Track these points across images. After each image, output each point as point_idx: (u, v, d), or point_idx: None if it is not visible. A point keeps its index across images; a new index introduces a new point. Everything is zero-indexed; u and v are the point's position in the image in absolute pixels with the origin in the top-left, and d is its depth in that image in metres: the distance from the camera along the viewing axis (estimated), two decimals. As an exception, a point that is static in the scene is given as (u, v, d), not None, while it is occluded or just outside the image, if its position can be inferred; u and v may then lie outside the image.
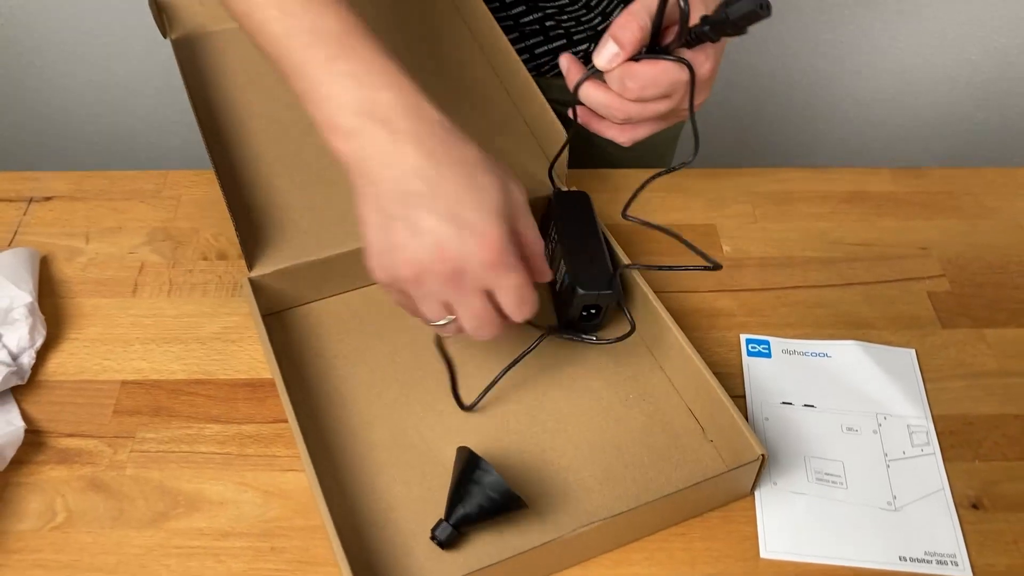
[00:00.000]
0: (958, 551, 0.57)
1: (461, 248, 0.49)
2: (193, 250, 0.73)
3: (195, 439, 0.61)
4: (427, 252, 0.49)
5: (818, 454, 0.61)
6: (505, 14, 0.84)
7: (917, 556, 0.56)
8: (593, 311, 0.64)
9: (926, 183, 0.80)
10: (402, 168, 0.50)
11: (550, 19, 0.84)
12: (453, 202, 0.49)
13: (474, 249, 0.49)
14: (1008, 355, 0.68)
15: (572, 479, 0.60)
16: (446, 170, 0.50)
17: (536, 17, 0.84)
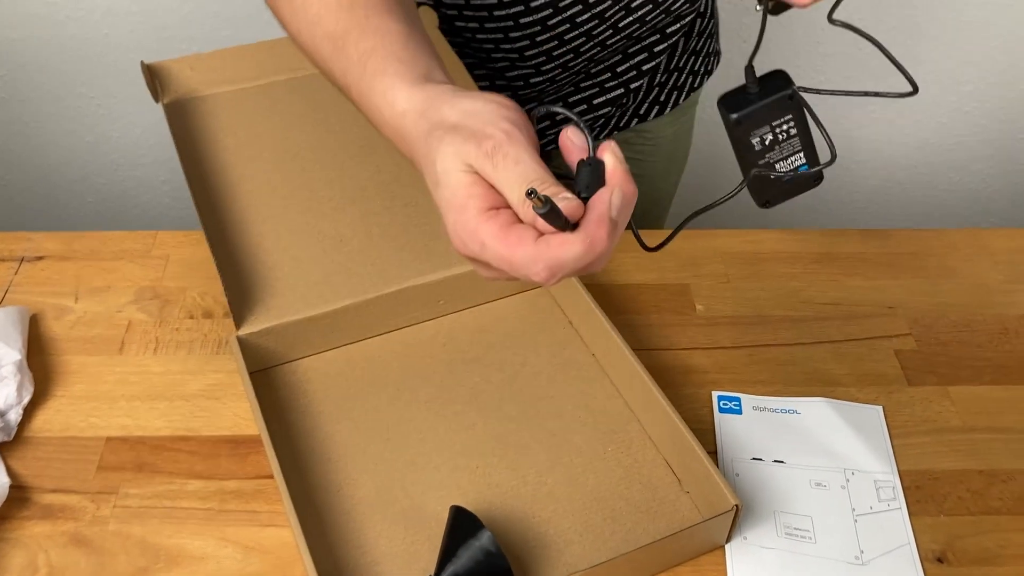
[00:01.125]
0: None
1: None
2: (180, 309, 0.75)
3: (177, 495, 0.62)
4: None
5: (787, 509, 0.62)
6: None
7: (885, 610, 0.58)
8: None
9: (893, 244, 0.83)
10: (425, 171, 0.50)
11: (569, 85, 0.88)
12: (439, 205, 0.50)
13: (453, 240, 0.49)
14: (972, 412, 0.70)
15: (553, 531, 0.61)
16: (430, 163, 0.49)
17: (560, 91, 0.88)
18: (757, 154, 0.55)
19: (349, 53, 0.54)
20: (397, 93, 0.51)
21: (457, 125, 0.48)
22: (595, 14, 0.80)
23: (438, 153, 0.48)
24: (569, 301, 0.74)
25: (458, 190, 0.47)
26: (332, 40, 0.56)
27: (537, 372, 0.71)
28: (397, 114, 0.51)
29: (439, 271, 0.72)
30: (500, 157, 0.46)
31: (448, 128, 0.48)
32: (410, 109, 0.51)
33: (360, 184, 0.78)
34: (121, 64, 1.42)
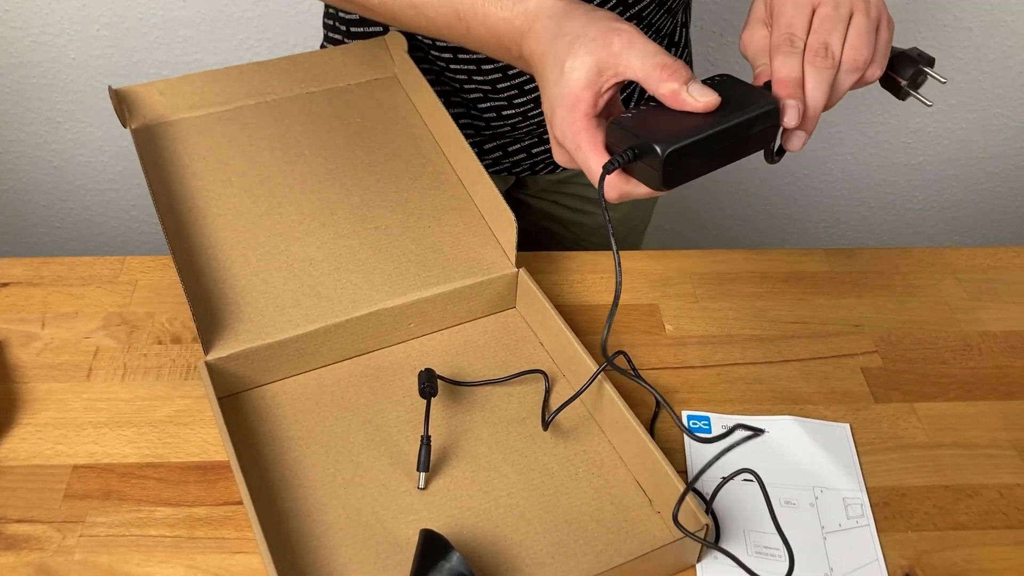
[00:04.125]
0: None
1: (553, 130, 0.58)
2: (148, 334, 0.74)
3: (145, 522, 0.61)
4: None
5: (757, 528, 0.62)
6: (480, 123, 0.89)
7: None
8: None
9: (858, 263, 0.84)
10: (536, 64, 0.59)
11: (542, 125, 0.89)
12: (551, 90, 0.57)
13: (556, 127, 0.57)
14: (937, 428, 0.71)
15: (524, 554, 0.61)
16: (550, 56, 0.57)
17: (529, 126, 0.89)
18: None
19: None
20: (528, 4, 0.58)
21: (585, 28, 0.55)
22: None
23: (567, 53, 0.55)
24: (540, 322, 0.74)
25: (575, 89, 0.54)
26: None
27: (508, 394, 0.71)
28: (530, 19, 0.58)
29: (409, 294, 0.72)
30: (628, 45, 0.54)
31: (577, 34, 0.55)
32: (543, 12, 0.57)
33: (330, 207, 0.78)
34: (89, 89, 1.41)
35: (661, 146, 0.52)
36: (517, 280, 0.76)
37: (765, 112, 0.55)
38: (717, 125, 0.53)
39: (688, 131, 0.53)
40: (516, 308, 0.78)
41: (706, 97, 0.53)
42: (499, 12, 0.59)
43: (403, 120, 0.86)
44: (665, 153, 0.52)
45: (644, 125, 0.53)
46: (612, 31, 0.54)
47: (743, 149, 0.56)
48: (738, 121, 0.54)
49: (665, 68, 0.53)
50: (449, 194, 0.80)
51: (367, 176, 0.81)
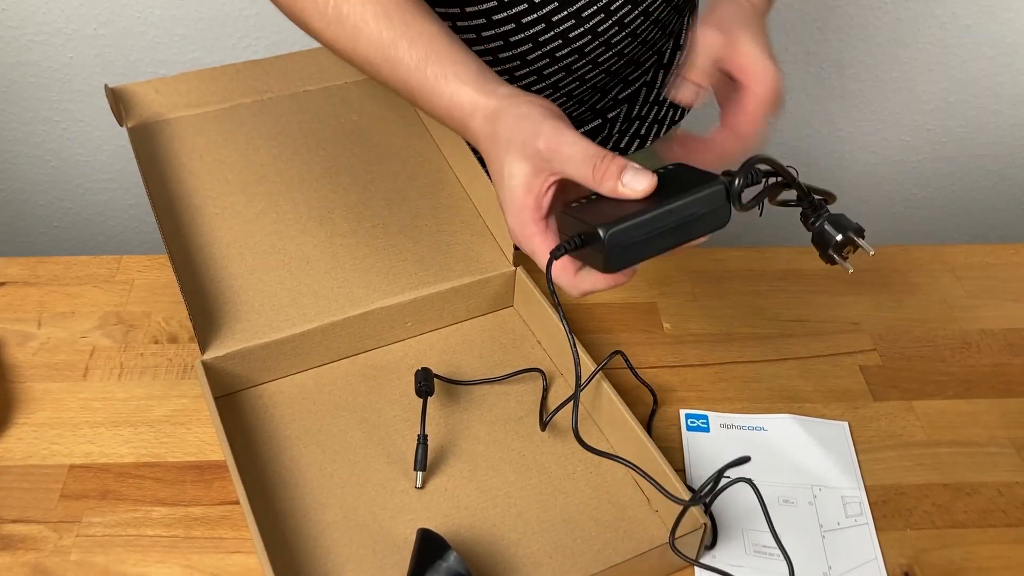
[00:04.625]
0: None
1: (510, 234, 0.59)
2: (144, 334, 0.74)
3: (142, 522, 0.61)
4: None
5: (755, 527, 0.62)
6: None
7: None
8: None
9: (857, 261, 0.84)
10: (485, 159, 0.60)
11: None
12: (499, 194, 0.59)
13: (511, 230, 0.58)
14: (936, 426, 0.71)
15: (522, 553, 0.61)
16: (492, 158, 0.59)
17: None
18: None
19: (403, 59, 0.62)
20: (463, 98, 0.60)
21: (513, 134, 0.57)
22: (587, 28, 0.80)
23: (503, 161, 0.57)
24: (538, 321, 0.74)
25: (516, 196, 0.56)
26: (379, 48, 0.62)
27: (505, 392, 0.70)
28: (466, 115, 0.60)
29: (406, 292, 0.72)
30: (555, 149, 0.55)
31: (508, 138, 0.57)
32: (477, 112, 0.59)
33: (326, 206, 0.77)
34: (87, 88, 1.41)
35: (603, 228, 0.52)
36: (515, 279, 0.76)
37: (711, 193, 0.55)
38: (660, 207, 0.53)
39: (630, 214, 0.53)
40: (514, 307, 0.78)
41: (641, 184, 0.53)
42: (440, 100, 0.61)
43: (400, 119, 0.85)
44: (607, 235, 0.52)
45: (590, 213, 0.54)
46: (538, 135, 0.55)
47: (691, 230, 0.56)
48: (682, 202, 0.54)
49: (597, 168, 0.54)
50: (446, 192, 0.80)
51: (364, 175, 0.80)
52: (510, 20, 0.77)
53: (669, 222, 0.54)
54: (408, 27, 0.62)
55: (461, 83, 0.60)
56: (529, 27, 0.77)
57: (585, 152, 0.54)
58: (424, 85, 0.61)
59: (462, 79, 0.60)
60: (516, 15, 0.77)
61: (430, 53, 0.61)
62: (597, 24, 0.78)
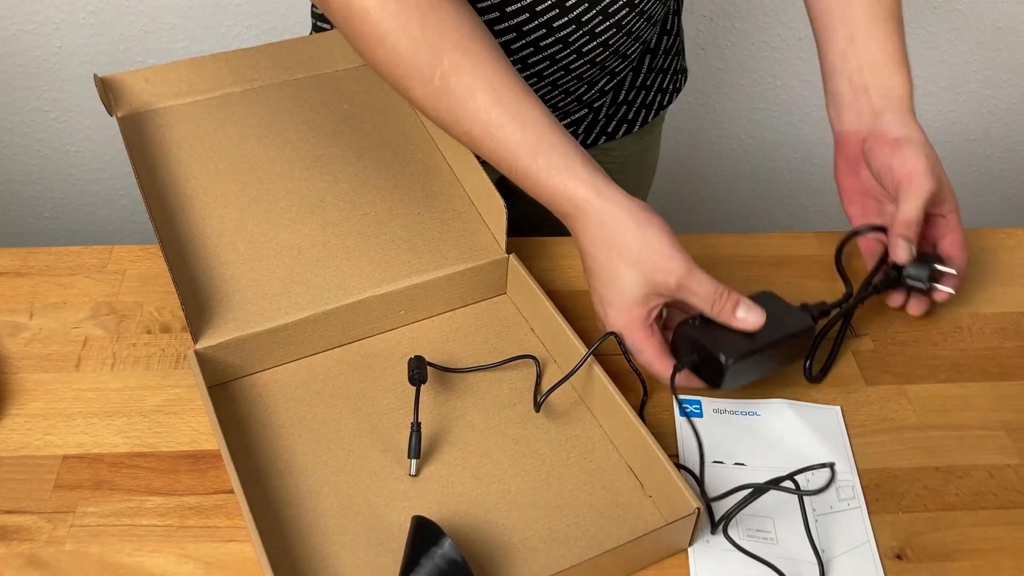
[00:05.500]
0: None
1: (605, 320, 0.67)
2: (137, 324, 0.74)
3: (136, 512, 0.61)
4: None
5: (749, 511, 0.62)
6: None
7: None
8: None
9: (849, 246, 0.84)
10: (582, 248, 0.67)
11: None
12: (602, 288, 0.66)
13: (610, 323, 0.66)
14: (928, 410, 0.71)
15: (516, 539, 0.61)
16: (601, 257, 0.65)
17: None
18: None
19: (511, 142, 0.65)
20: (576, 193, 0.65)
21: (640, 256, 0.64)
22: (572, 18, 0.80)
23: (621, 271, 0.64)
24: (531, 308, 0.74)
25: (632, 305, 0.65)
26: (486, 126, 0.65)
27: (499, 379, 0.71)
28: (578, 210, 0.65)
29: (400, 280, 0.72)
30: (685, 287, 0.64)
31: (633, 258, 0.64)
32: (591, 212, 0.65)
33: (318, 194, 0.77)
34: (76, 78, 1.40)
35: (725, 356, 0.64)
36: (508, 266, 0.76)
37: (805, 329, 0.68)
38: (768, 338, 0.65)
39: (748, 346, 0.65)
40: (507, 294, 0.78)
41: (754, 320, 0.65)
42: (550, 189, 0.65)
43: (391, 106, 0.85)
44: (728, 362, 0.64)
45: (708, 335, 0.65)
46: (669, 272, 0.64)
47: (785, 358, 0.69)
48: (783, 335, 0.66)
49: (716, 304, 0.64)
50: (438, 180, 0.80)
51: (356, 163, 0.80)
52: (494, 8, 0.77)
53: (773, 351, 0.66)
54: (518, 111, 0.65)
55: (574, 178, 0.64)
56: (513, 16, 0.77)
57: (708, 291, 0.64)
58: (531, 171, 0.65)
59: (576, 175, 0.64)
60: (500, 4, 0.76)
61: (541, 142, 0.65)
62: (581, 14, 0.78)
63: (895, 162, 0.74)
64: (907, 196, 0.72)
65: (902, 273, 0.73)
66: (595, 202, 0.64)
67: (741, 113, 1.59)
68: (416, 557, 0.56)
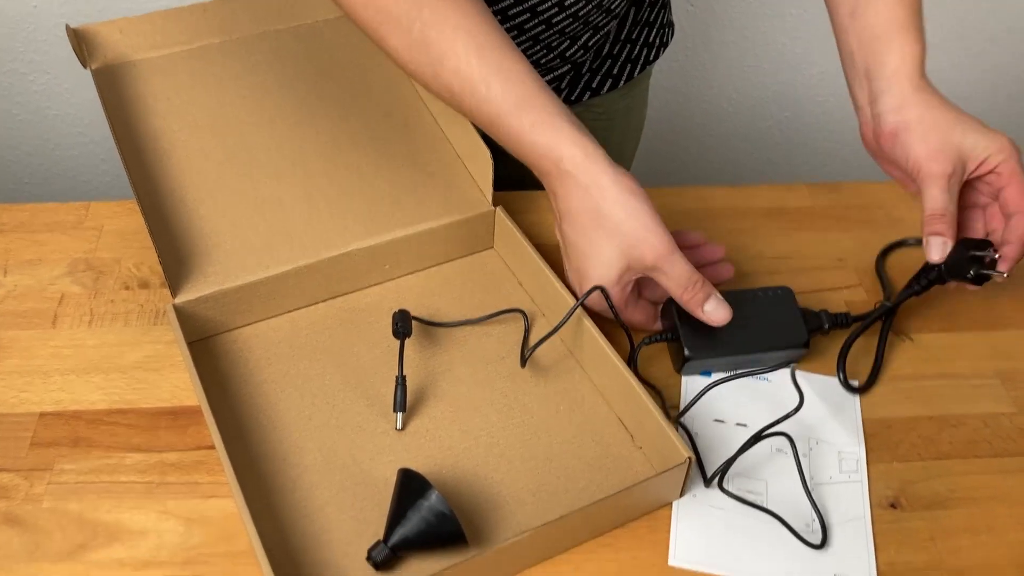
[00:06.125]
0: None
1: (580, 293, 0.65)
2: (115, 280, 0.72)
3: (115, 469, 0.60)
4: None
5: (742, 472, 0.61)
6: None
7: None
8: None
9: (841, 197, 0.83)
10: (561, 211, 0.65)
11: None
12: (579, 259, 0.64)
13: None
14: (922, 359, 0.70)
15: (505, 492, 0.60)
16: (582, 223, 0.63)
17: None
18: None
19: (495, 98, 0.62)
20: (562, 151, 0.62)
21: (622, 227, 0.61)
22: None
23: (602, 244, 0.62)
24: (518, 261, 0.73)
25: (606, 277, 0.64)
26: (468, 81, 0.62)
27: (486, 334, 0.69)
28: (561, 169, 0.62)
29: (383, 234, 0.70)
30: (661, 268, 0.62)
31: (614, 228, 0.62)
32: (577, 172, 0.62)
33: (300, 147, 0.75)
34: (52, 38, 1.37)
35: (688, 349, 0.65)
36: (494, 219, 0.74)
37: (795, 339, 0.67)
38: (746, 344, 0.66)
39: (719, 345, 0.66)
40: (494, 248, 0.76)
41: (719, 316, 0.63)
42: (533, 147, 0.63)
43: (373, 57, 0.83)
44: (689, 355, 0.65)
45: (690, 319, 0.65)
46: (650, 247, 0.61)
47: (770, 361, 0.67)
48: (767, 345, 0.67)
49: (687, 291, 0.63)
50: (423, 132, 0.78)
51: (337, 115, 0.78)
52: None
53: (747, 357, 0.67)
54: (501, 66, 0.62)
55: (561, 136, 0.62)
56: None
57: (683, 277, 0.62)
58: (515, 127, 0.62)
59: (562, 133, 0.62)
60: None
61: (526, 98, 0.62)
62: None
63: (899, 155, 0.69)
64: (923, 188, 0.67)
65: (942, 272, 0.68)
66: (582, 163, 0.61)
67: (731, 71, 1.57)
68: (403, 510, 0.55)
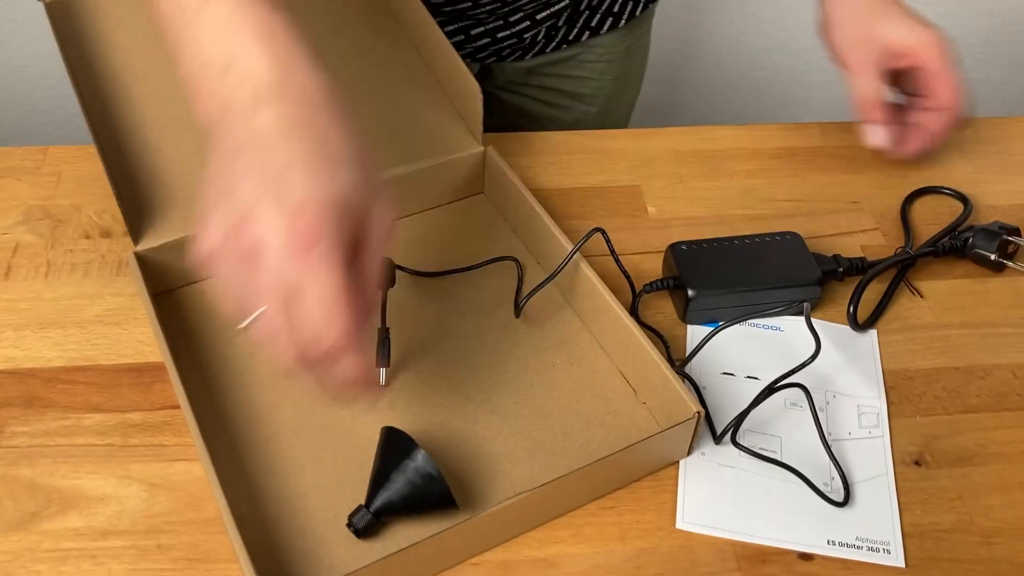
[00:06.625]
0: (893, 538, 0.52)
1: (268, 221, 0.40)
2: (74, 229, 0.66)
3: (73, 431, 0.55)
4: (232, 218, 0.41)
5: (755, 428, 0.57)
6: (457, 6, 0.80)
7: (847, 541, 0.52)
8: None
9: (855, 136, 0.78)
10: (249, 129, 0.42)
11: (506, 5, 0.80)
12: (283, 170, 0.41)
13: (280, 226, 0.40)
14: (944, 307, 0.65)
15: (498, 451, 0.55)
16: (295, 139, 0.42)
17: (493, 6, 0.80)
18: None
19: None
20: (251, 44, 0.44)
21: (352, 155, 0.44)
22: None
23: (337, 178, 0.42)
24: (511, 206, 0.67)
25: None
26: None
27: (477, 284, 0.64)
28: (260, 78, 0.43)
29: (364, 175, 0.65)
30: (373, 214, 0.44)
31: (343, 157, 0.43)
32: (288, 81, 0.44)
33: (273, 84, 0.69)
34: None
35: (691, 289, 0.61)
36: (484, 160, 0.69)
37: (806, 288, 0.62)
38: (756, 281, 0.62)
39: (727, 282, 0.62)
40: (484, 193, 0.71)
41: None
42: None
43: None
44: (692, 295, 0.61)
45: (689, 261, 0.62)
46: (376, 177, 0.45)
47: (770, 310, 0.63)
48: (775, 284, 0.62)
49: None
50: (404, 64, 0.72)
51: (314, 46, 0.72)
52: None
53: (756, 296, 0.62)
54: None
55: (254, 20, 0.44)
56: None
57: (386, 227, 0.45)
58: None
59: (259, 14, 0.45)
60: None
61: None
62: None
63: (831, 46, 0.72)
64: (849, 77, 0.70)
65: (968, 243, 0.66)
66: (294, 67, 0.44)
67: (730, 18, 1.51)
68: (386, 471, 0.50)
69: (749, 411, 0.55)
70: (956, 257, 0.68)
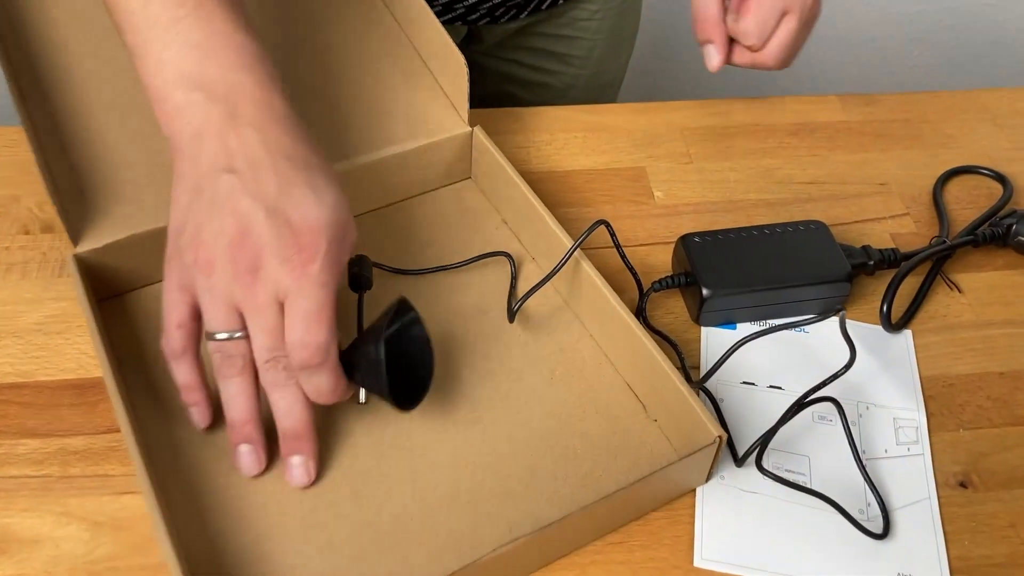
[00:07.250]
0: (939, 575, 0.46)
1: (269, 236, 0.42)
2: (11, 223, 0.59)
3: (3, 460, 0.48)
4: (229, 233, 0.43)
5: (779, 446, 0.50)
6: None
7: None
8: None
9: (879, 111, 0.71)
10: (231, 149, 0.44)
11: None
12: (277, 193, 0.43)
13: (285, 242, 0.42)
14: (985, 303, 0.59)
15: (490, 483, 0.48)
16: (282, 162, 0.44)
17: None
18: None
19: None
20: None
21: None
22: None
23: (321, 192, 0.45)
24: (502, 194, 0.60)
25: None
26: None
27: (465, 283, 0.57)
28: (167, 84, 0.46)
29: (337, 162, 0.58)
30: None
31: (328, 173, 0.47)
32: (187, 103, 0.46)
33: (232, 57, 0.62)
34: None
35: (706, 288, 0.55)
36: (472, 142, 0.61)
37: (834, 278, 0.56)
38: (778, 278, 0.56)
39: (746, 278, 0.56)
40: (472, 179, 0.64)
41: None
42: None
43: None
44: (707, 293, 0.55)
45: (703, 254, 0.56)
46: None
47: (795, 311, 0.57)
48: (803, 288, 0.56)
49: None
50: (381, 35, 0.65)
51: (281, 18, 0.65)
52: None
53: (778, 295, 0.56)
54: None
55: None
56: None
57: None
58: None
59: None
60: None
61: None
62: None
63: None
64: None
65: (1011, 230, 0.60)
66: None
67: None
68: None
69: (775, 431, 0.48)
70: (996, 246, 0.61)
